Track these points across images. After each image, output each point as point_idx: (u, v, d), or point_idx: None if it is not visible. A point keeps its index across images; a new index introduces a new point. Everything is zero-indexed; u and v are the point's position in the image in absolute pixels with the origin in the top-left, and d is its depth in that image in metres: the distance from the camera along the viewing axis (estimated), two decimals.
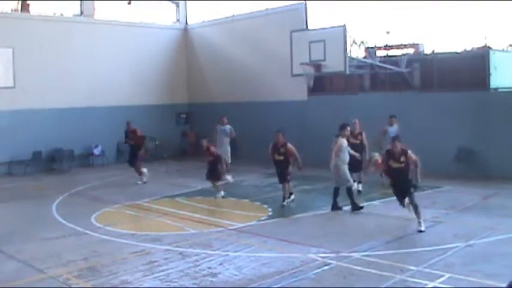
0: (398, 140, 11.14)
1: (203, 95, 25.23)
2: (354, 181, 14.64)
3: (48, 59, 21.26)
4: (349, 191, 12.82)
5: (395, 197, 11.48)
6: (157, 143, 23.79)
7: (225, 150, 18.26)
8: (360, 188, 14.81)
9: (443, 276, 8.08)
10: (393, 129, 15.93)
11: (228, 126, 18.78)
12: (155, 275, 8.59)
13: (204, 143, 14.88)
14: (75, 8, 22.98)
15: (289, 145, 13.40)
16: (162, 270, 8.81)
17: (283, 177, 13.54)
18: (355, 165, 13.74)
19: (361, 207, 12.74)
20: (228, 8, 23.92)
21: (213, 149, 14.89)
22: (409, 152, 10.94)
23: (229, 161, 18.18)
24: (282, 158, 13.37)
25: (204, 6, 25.24)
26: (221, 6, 24.18)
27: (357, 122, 15.01)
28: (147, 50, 24.35)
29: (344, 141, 12.92)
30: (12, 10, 21.69)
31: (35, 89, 20.71)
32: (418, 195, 14.16)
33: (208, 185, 16.99)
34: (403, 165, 10.93)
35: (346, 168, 12.84)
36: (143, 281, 8.37)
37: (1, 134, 20.04)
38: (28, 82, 20.24)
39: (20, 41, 20.29)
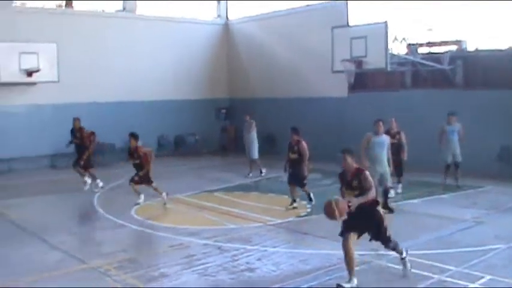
0: (349, 153, 7.77)
1: (243, 90, 25.33)
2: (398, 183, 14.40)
3: (91, 53, 21.61)
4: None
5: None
6: (196, 138, 24.00)
7: (252, 145, 18.15)
8: (399, 190, 14.21)
9: (483, 277, 7.96)
10: (452, 129, 14.92)
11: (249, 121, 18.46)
12: (193, 269, 8.69)
13: (134, 143, 13.63)
14: (118, 5, 23.33)
15: (303, 143, 12.89)
16: (201, 264, 8.90)
17: (298, 181, 13.03)
18: (394, 168, 12.99)
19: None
20: (269, 3, 23.94)
21: (141, 150, 13.74)
22: (366, 173, 7.69)
23: (257, 157, 18.11)
24: (295, 156, 12.91)
25: (245, 1, 25.33)
26: (262, 2, 24.23)
27: (393, 120, 14.41)
28: (188, 45, 24.54)
29: (378, 138, 12.14)
30: (56, 6, 22.25)
31: (78, 84, 21.01)
32: (458, 195, 14.06)
33: (247, 180, 17.13)
34: (356, 192, 7.59)
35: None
36: (181, 274, 8.48)
37: (45, 128, 20.54)
38: (71, 77, 20.59)
39: (64, 36, 20.67)
